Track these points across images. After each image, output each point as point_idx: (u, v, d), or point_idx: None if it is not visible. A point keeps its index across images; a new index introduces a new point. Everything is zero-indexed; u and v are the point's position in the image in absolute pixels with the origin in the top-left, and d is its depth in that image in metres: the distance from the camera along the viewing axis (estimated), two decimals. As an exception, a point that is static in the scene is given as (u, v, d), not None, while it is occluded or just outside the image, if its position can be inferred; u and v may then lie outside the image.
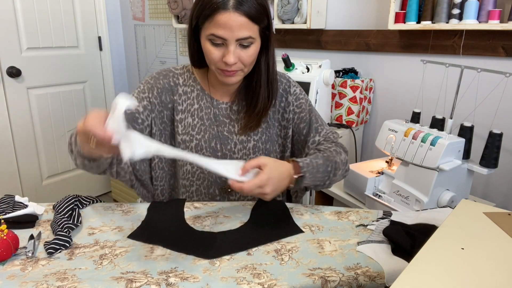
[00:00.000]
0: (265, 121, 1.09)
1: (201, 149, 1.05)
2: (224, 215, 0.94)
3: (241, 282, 0.69)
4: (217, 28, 0.87)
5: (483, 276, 0.51)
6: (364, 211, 0.99)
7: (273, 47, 1.00)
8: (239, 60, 0.92)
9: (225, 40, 0.88)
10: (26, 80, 2.41)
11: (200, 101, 1.06)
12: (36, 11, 2.39)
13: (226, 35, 0.87)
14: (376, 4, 1.78)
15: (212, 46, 0.91)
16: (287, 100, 1.11)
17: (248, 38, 0.89)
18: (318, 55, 2.05)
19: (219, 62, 0.92)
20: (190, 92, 1.06)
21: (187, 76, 1.07)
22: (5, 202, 0.95)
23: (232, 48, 0.89)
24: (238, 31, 0.87)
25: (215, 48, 0.91)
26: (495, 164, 1.17)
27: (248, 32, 0.88)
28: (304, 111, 1.11)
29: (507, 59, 1.45)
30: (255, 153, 1.09)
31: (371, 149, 1.96)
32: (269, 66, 1.01)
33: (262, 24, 0.92)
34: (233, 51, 0.89)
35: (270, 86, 1.03)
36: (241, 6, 0.86)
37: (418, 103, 1.69)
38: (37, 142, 2.54)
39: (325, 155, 1.02)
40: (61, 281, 0.68)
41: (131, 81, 3.13)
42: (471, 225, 0.65)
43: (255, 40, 0.91)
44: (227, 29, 0.86)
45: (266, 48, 0.98)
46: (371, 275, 0.73)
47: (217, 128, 1.06)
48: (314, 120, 1.12)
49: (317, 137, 1.10)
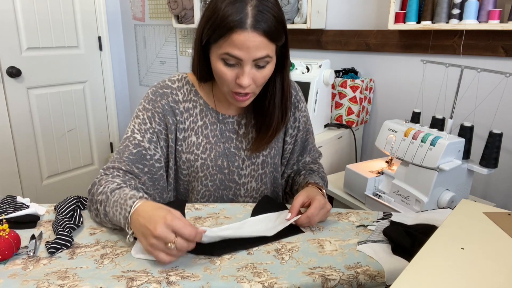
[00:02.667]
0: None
1: (206, 168, 1.01)
2: (224, 216, 0.95)
3: (242, 281, 0.69)
4: (232, 48, 0.81)
5: (483, 276, 0.51)
6: (364, 212, 0.99)
7: (289, 65, 0.94)
8: (252, 82, 0.86)
9: (241, 60, 0.82)
10: (26, 80, 2.42)
11: (205, 117, 1.00)
12: (36, 11, 2.39)
13: (242, 56, 0.81)
14: (376, 4, 1.79)
15: (225, 67, 0.85)
16: (294, 115, 1.09)
17: (266, 58, 0.83)
18: (318, 55, 2.05)
19: (232, 83, 0.87)
20: (192, 108, 0.99)
21: (187, 90, 1.00)
22: (7, 203, 0.95)
23: (247, 69, 0.83)
24: (255, 52, 0.81)
25: (229, 69, 0.85)
26: (495, 164, 1.17)
27: (265, 51, 0.83)
28: (303, 130, 1.12)
29: (507, 59, 1.45)
30: (264, 168, 1.07)
31: (371, 149, 1.96)
32: (284, 86, 0.95)
33: (280, 42, 0.87)
34: (249, 72, 0.84)
35: (284, 106, 0.98)
36: (260, 24, 0.80)
37: (418, 103, 1.69)
38: (37, 142, 2.54)
39: (319, 175, 1.11)
40: (62, 280, 0.68)
41: (131, 81, 3.13)
42: (471, 225, 0.65)
43: (272, 59, 0.86)
44: (244, 50, 0.80)
45: (282, 66, 0.92)
46: (371, 274, 0.73)
47: (223, 145, 1.02)
48: (310, 141, 1.15)
49: (307, 158, 1.16)
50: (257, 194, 1.09)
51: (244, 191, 1.07)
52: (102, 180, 0.89)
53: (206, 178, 1.02)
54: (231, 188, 1.06)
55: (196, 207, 0.99)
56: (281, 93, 0.96)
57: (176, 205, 0.98)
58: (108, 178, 0.89)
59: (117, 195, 0.82)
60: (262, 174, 1.08)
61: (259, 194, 1.10)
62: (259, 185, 1.09)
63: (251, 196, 1.09)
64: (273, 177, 1.11)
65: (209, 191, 1.04)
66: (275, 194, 1.15)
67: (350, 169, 1.39)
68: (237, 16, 0.79)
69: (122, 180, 0.90)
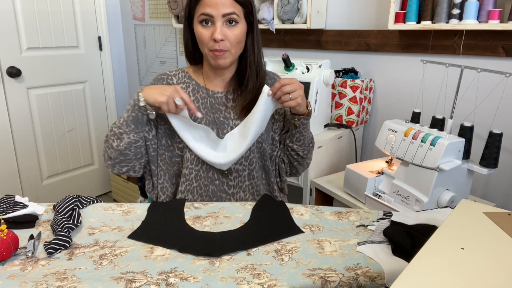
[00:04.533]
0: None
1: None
2: (224, 215, 0.94)
3: (241, 283, 0.69)
4: (205, 7, 1.00)
5: (483, 276, 0.51)
6: (364, 212, 0.99)
7: (257, 32, 1.10)
8: (226, 39, 1.01)
9: (212, 17, 1.00)
10: (26, 80, 2.41)
11: (197, 94, 1.14)
12: (36, 11, 2.39)
13: (212, 12, 0.99)
14: (376, 4, 1.78)
15: (202, 28, 1.02)
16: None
17: (233, 14, 1.00)
18: (318, 55, 2.05)
19: (209, 42, 1.02)
20: (185, 88, 1.14)
21: (181, 76, 1.15)
22: (5, 202, 0.95)
23: (219, 24, 1.00)
24: (223, 8, 0.99)
25: (205, 29, 1.02)
26: (495, 164, 1.17)
27: (232, 8, 1.00)
28: None
29: (507, 59, 1.45)
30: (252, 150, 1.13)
31: (371, 149, 1.96)
32: (255, 48, 1.10)
33: (246, 9, 1.04)
34: (220, 27, 1.00)
35: (258, 68, 1.12)
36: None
37: (418, 103, 1.69)
38: (37, 142, 2.54)
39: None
40: (61, 281, 0.68)
41: (131, 81, 3.13)
42: (471, 225, 0.65)
43: (240, 19, 1.03)
44: (213, 7, 0.99)
45: (251, 32, 1.08)
46: (371, 275, 0.73)
47: (213, 115, 1.12)
48: None
49: None
50: (246, 162, 1.13)
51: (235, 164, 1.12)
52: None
53: None
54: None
55: (196, 206, 0.99)
56: (253, 55, 1.11)
57: (175, 205, 0.99)
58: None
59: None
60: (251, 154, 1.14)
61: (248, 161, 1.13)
62: (247, 153, 1.13)
63: (240, 163, 1.12)
64: (261, 148, 1.15)
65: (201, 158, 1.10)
66: (265, 167, 1.17)
67: (350, 169, 1.39)
68: None
69: None
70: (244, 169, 1.13)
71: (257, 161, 1.15)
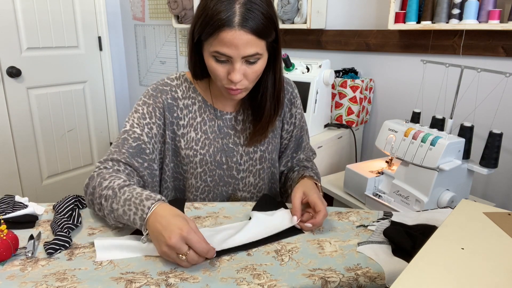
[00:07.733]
0: (271, 130, 1.08)
1: (205, 164, 1.02)
2: (224, 216, 0.94)
3: (241, 283, 0.69)
4: (221, 46, 0.82)
5: (483, 276, 0.51)
6: (364, 212, 0.98)
7: (280, 59, 0.96)
8: (244, 78, 0.88)
9: (231, 57, 0.84)
10: (26, 80, 2.41)
11: (203, 114, 1.02)
12: (36, 11, 2.39)
13: (231, 53, 0.82)
14: (376, 4, 1.78)
15: (216, 63, 0.86)
16: (290, 111, 1.11)
17: (255, 55, 0.84)
18: (318, 55, 2.05)
19: (224, 79, 0.88)
20: (191, 105, 1.01)
21: (186, 87, 1.02)
22: (5, 202, 0.95)
23: (237, 66, 0.85)
24: (244, 49, 0.82)
25: (220, 65, 0.86)
26: (495, 164, 1.17)
27: (255, 49, 0.83)
28: (299, 127, 1.14)
29: (507, 59, 1.45)
30: (261, 164, 1.09)
31: (371, 149, 1.96)
32: (276, 79, 0.97)
33: (270, 39, 0.87)
34: (239, 69, 0.85)
35: (276, 99, 1.00)
36: (247, 22, 0.80)
37: (418, 103, 1.69)
38: (37, 142, 2.54)
39: (313, 171, 1.10)
40: (61, 282, 0.68)
41: (131, 81, 3.13)
42: (471, 225, 0.65)
43: (262, 56, 0.87)
44: (232, 48, 0.81)
45: (273, 61, 0.94)
46: (372, 276, 0.72)
47: (221, 141, 1.04)
48: (304, 139, 1.17)
49: (301, 155, 1.17)
50: (255, 190, 1.10)
51: (243, 185, 1.09)
52: (104, 174, 0.87)
53: (205, 174, 1.03)
54: (230, 184, 1.07)
55: (196, 206, 0.99)
56: (273, 87, 0.98)
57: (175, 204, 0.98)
58: (111, 172, 0.88)
59: (128, 193, 0.80)
60: (260, 170, 1.09)
61: (256, 189, 1.10)
62: (257, 180, 1.10)
63: (249, 191, 1.10)
64: (270, 173, 1.12)
65: (208, 187, 1.05)
66: (272, 190, 1.15)
67: (350, 169, 1.39)
68: (225, 14, 0.79)
69: (126, 175, 0.90)
70: (252, 197, 1.10)
71: (265, 186, 1.12)
